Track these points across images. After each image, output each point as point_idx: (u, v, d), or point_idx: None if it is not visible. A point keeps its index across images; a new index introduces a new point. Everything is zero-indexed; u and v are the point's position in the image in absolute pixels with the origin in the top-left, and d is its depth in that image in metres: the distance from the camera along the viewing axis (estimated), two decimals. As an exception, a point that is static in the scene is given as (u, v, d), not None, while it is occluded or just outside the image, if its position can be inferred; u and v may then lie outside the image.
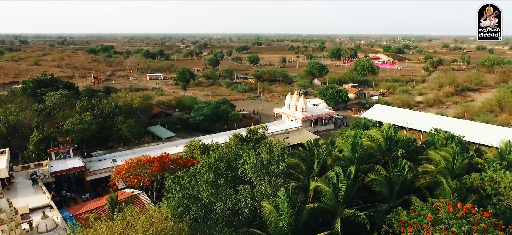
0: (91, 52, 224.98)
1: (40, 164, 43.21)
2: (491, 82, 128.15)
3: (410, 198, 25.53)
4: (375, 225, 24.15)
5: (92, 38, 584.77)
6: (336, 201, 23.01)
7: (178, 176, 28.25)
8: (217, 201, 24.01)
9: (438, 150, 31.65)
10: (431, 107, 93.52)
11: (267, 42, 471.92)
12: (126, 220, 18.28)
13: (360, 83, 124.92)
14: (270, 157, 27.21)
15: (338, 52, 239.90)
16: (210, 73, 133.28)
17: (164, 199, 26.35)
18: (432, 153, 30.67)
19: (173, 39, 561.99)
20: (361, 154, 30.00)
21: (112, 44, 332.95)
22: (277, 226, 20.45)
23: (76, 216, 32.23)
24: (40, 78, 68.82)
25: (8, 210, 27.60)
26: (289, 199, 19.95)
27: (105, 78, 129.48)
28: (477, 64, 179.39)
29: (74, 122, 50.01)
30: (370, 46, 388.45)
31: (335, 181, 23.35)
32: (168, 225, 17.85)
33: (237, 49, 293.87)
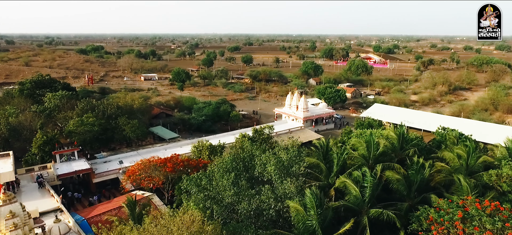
0: (81, 53, 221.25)
1: (45, 167, 42.31)
2: (482, 82, 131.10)
3: (429, 196, 25.86)
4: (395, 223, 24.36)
5: (80, 39, 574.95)
6: (361, 200, 23.14)
7: (196, 177, 27.95)
8: (241, 201, 23.87)
9: (452, 148, 32.16)
10: (427, 106, 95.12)
11: (258, 43, 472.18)
12: (159, 223, 17.92)
13: (355, 83, 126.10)
14: (290, 157, 27.16)
15: (331, 52, 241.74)
16: (205, 73, 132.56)
17: (184, 200, 26.01)
18: (446, 151, 31.10)
19: (163, 39, 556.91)
20: (376, 153, 30.21)
21: (101, 44, 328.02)
22: (306, 225, 20.44)
23: (89, 220, 31.62)
24: (38, 79, 67.29)
25: (21, 214, 26.86)
26: (317, 198, 19.97)
27: (99, 79, 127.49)
28: (467, 63, 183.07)
29: (77, 123, 49.08)
30: (360, 46, 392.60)
31: (361, 179, 23.45)
32: (205, 229, 17.59)
33: (229, 49, 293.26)
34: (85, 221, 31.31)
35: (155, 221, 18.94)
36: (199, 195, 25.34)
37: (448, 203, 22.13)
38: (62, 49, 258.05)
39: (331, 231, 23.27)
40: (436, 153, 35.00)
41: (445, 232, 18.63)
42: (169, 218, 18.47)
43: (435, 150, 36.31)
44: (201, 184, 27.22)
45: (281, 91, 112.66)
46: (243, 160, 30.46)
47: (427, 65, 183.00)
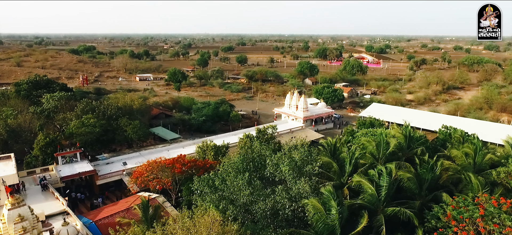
0: (73, 53, 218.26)
1: (46, 169, 41.61)
2: (474, 81, 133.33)
3: (439, 194, 26.15)
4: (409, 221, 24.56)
5: (71, 39, 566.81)
6: (377, 199, 23.29)
7: (208, 178, 27.78)
8: (257, 201, 23.81)
9: (459, 146, 32.62)
10: (422, 105, 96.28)
11: (251, 43, 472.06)
12: (185, 225, 17.69)
13: (351, 83, 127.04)
14: (303, 157, 27.21)
15: (324, 52, 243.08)
16: (202, 73, 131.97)
17: (199, 201, 25.78)
18: (454, 149, 31.52)
19: (155, 39, 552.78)
20: (386, 152, 30.46)
21: (93, 44, 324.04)
22: (326, 224, 20.47)
23: (97, 222, 31.18)
24: (35, 80, 66.07)
25: (30, 217, 26.34)
26: (336, 197, 20.06)
27: (93, 80, 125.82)
28: (458, 63, 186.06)
29: (77, 124, 48.34)
30: (352, 46, 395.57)
31: (377, 178, 23.60)
32: (230, 229, 17.46)
33: (222, 49, 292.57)
34: (93, 223, 30.87)
35: (175, 222, 18.71)
36: (213, 195, 25.18)
37: (463, 201, 22.39)
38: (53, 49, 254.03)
39: (348, 230, 23.39)
40: (441, 151, 35.46)
41: (467, 229, 18.84)
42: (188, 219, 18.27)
43: (440, 148, 36.80)
44: (214, 185, 27.10)
45: (278, 91, 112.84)
46: (253, 160, 30.45)
47: (420, 65, 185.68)
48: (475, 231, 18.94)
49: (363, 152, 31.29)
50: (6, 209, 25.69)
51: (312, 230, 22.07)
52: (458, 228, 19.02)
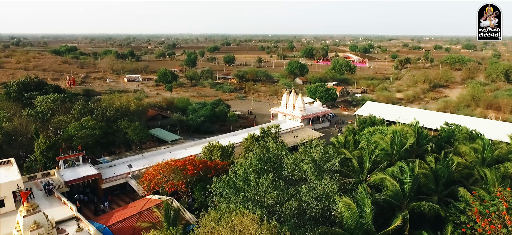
0: (55, 54, 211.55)
1: (47, 173, 40.18)
2: (458, 79, 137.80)
3: (456, 189, 26.91)
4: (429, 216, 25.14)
5: (49, 39, 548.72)
6: (401, 195, 23.72)
7: (228, 179, 27.53)
8: (282, 201, 23.80)
9: (466, 143, 33.66)
10: (412, 103, 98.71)
11: (235, 43, 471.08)
12: (229, 226, 17.43)
13: (340, 82, 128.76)
14: (322, 155, 27.40)
15: (311, 52, 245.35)
16: (192, 74, 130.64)
17: (222, 202, 25.50)
18: (462, 145, 32.50)
19: (138, 40, 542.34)
20: (400, 149, 31.08)
21: (74, 45, 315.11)
22: (358, 222, 20.70)
23: (110, 227, 30.37)
24: (25, 81, 63.62)
25: (46, 224, 25.47)
26: (370, 195, 20.31)
27: (80, 81, 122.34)
28: (441, 62, 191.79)
29: (76, 127, 46.94)
30: (336, 46, 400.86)
31: (399, 175, 24.04)
32: (273, 225, 17.33)
33: (208, 49, 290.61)
34: (107, 228, 30.05)
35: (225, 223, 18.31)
36: (237, 197, 24.97)
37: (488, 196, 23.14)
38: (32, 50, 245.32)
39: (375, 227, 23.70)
40: (447, 148, 36.50)
41: (495, 223, 19.45)
42: (231, 217, 18.04)
43: (446, 145, 37.86)
44: (235, 186, 26.90)
45: (270, 91, 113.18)
46: (269, 159, 30.39)
47: (404, 64, 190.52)
48: (501, 225, 19.60)
49: (377, 149, 31.79)
50: (21, 216, 24.72)
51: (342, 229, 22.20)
52: (486, 222, 19.59)
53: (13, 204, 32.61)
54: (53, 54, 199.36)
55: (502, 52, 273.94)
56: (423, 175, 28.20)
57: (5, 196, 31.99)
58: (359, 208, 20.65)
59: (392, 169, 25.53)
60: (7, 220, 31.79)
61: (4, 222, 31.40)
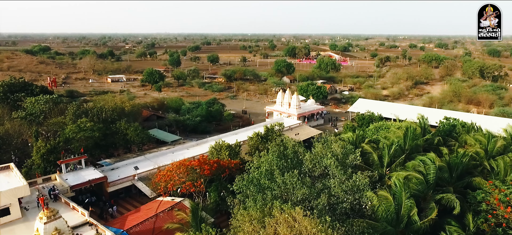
0: (27, 53, 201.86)
1: (49, 178, 38.40)
2: (437, 76, 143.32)
3: (470, 179, 28.07)
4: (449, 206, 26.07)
5: (17, 38, 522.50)
6: (426, 187, 24.46)
7: (252, 177, 27.37)
8: (311, 197, 23.97)
9: (470, 135, 35.11)
10: (398, 100, 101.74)
11: (215, 42, 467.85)
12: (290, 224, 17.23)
13: (327, 80, 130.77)
14: (343, 150, 27.81)
15: (293, 51, 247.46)
16: (179, 73, 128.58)
17: (249, 201, 25.32)
18: (468, 137, 33.89)
19: (113, 39, 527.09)
20: (412, 143, 32.02)
21: (46, 44, 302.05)
22: (393, 214, 21.17)
23: (128, 231, 29.45)
24: (10, 82, 60.36)
25: (66, 230, 24.47)
26: (407, 187, 20.83)
27: (61, 82, 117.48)
28: (418, 60, 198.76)
29: (74, 129, 45.12)
30: (316, 44, 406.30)
31: (422, 167, 24.78)
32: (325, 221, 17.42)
33: (190, 49, 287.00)
34: (125, 233, 29.12)
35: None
36: (266, 195, 24.90)
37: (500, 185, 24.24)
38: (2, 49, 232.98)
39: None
40: (450, 141, 37.95)
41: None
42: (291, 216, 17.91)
43: (449, 138, 39.33)
44: (259, 184, 26.81)
45: (260, 90, 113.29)
46: (286, 156, 30.49)
47: (385, 62, 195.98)
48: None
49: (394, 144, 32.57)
50: (41, 223, 23.59)
51: (377, 222, 22.52)
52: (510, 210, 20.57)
53: (19, 212, 30.95)
54: (28, 54, 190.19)
55: (472, 50, 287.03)
56: (438, 167, 29.22)
57: (11, 203, 30.32)
58: (396, 201, 21.13)
59: (413, 162, 26.29)
60: (12, 228, 30.22)
61: (9, 231, 29.80)
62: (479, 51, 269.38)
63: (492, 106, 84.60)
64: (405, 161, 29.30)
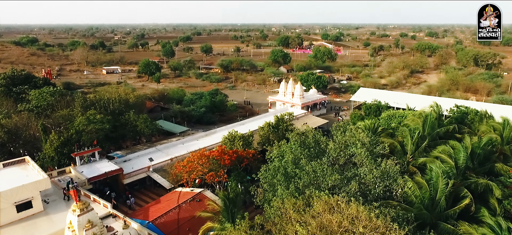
0: (15, 45, 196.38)
1: (63, 171, 37.85)
2: (431, 65, 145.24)
3: (491, 165, 28.77)
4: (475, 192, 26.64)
5: (1, 29, 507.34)
6: (455, 173, 24.99)
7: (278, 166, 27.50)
8: (342, 184, 24.29)
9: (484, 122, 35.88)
10: (396, 89, 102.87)
11: (206, 32, 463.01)
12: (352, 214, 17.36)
13: (324, 69, 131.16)
14: (370, 139, 28.13)
15: (286, 41, 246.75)
16: (176, 64, 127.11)
17: (279, 190, 25.48)
18: (484, 125, 34.64)
19: (101, 30, 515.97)
20: (432, 131, 32.57)
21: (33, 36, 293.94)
22: (429, 201, 21.62)
23: (154, 222, 29.41)
24: (12, 74, 58.72)
25: (99, 223, 24.22)
26: (444, 173, 21.26)
27: (56, 74, 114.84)
28: (411, 49, 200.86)
29: (84, 121, 44.36)
30: (307, 34, 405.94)
31: (452, 152, 25.26)
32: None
33: (181, 39, 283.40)
34: (151, 224, 29.09)
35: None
36: (298, 184, 25.10)
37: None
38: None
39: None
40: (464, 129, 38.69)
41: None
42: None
43: (461, 126, 40.08)
44: (286, 172, 27.00)
45: (258, 80, 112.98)
46: (309, 146, 30.67)
47: (378, 51, 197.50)
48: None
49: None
50: (74, 215, 23.26)
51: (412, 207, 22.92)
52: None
53: (41, 205, 30.48)
54: (18, 46, 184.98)
55: (462, 38, 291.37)
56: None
57: (33, 196, 29.81)
58: (430, 187, 21.57)
59: (443, 147, 26.75)
60: (35, 222, 29.79)
61: (32, 225, 29.37)
62: (469, 40, 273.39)
63: (490, 94, 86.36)
64: (425, 148, 29.80)
